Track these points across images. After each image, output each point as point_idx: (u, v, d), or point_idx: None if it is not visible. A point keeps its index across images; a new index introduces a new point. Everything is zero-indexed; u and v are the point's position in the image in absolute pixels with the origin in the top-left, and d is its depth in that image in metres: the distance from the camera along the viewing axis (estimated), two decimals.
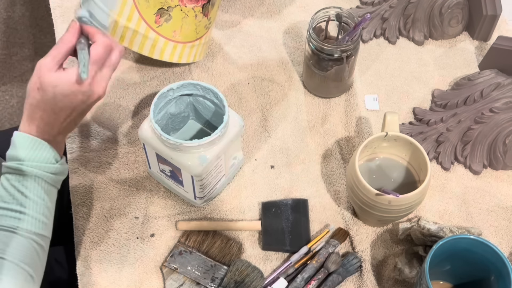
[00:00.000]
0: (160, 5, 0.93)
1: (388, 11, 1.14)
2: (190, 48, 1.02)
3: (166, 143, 0.83)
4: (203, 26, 1.00)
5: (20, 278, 0.69)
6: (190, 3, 0.95)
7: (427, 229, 0.86)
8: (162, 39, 0.98)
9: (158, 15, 0.94)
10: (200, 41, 1.02)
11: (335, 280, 0.86)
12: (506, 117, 0.98)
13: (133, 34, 0.95)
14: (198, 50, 1.04)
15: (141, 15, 0.94)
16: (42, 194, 0.73)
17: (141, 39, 0.96)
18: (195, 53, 1.04)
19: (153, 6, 0.93)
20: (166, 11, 0.94)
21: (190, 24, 0.98)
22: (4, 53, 2.09)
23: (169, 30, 0.97)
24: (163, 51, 0.99)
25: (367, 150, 0.89)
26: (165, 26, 0.96)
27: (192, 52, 1.03)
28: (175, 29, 0.97)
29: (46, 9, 2.17)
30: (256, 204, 0.94)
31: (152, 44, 0.97)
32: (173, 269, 0.87)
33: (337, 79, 1.01)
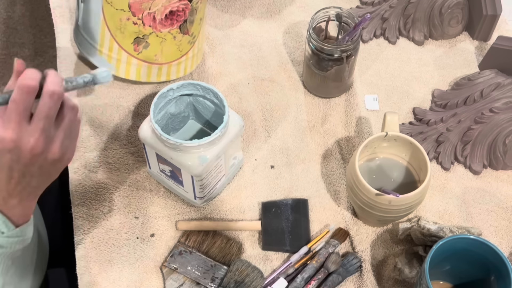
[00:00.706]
0: (135, 34, 0.96)
1: (388, 11, 1.14)
2: (177, 65, 1.03)
3: (166, 143, 0.83)
4: (186, 42, 1.00)
5: None
6: (165, 28, 0.96)
7: (427, 229, 0.86)
8: (145, 64, 1.00)
9: (135, 44, 0.97)
10: (186, 56, 1.03)
11: (335, 280, 0.86)
12: (506, 117, 0.98)
13: (117, 62, 0.99)
14: (188, 64, 1.05)
15: (120, 46, 0.97)
16: None
17: (125, 65, 0.99)
18: (184, 67, 1.04)
19: (128, 36, 0.96)
20: (142, 39, 0.96)
21: (170, 46, 0.99)
22: (4, 53, 2.09)
23: (150, 55, 0.99)
24: (149, 74, 1.02)
25: (367, 150, 0.89)
26: (144, 52, 0.98)
27: (180, 68, 1.04)
28: (155, 53, 0.99)
29: (46, 9, 2.17)
30: (256, 204, 0.94)
31: (136, 69, 1.00)
32: (173, 269, 0.87)
33: (337, 79, 1.01)
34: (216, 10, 1.18)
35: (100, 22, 0.96)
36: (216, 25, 1.16)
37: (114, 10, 0.93)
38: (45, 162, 0.64)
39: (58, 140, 0.64)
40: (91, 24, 0.98)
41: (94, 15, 0.96)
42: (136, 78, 1.01)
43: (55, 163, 0.65)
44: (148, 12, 0.92)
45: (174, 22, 0.95)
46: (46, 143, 0.63)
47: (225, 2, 1.19)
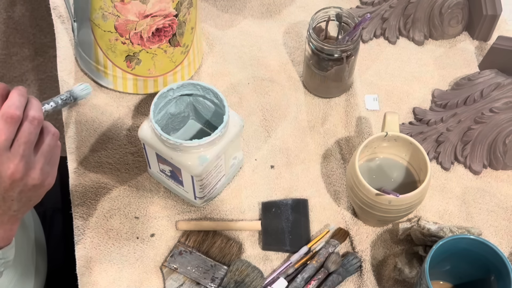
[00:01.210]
0: (126, 53, 0.97)
1: (388, 11, 1.14)
2: (173, 75, 1.03)
3: (166, 143, 0.83)
4: (179, 53, 1.01)
5: None
6: (153, 45, 0.96)
7: (427, 229, 0.87)
8: (141, 78, 1.01)
9: (127, 61, 0.98)
10: (182, 65, 1.03)
11: (335, 280, 0.86)
12: (506, 117, 0.98)
13: (113, 78, 1.01)
14: (185, 72, 1.05)
15: (113, 63, 0.99)
16: None
17: (122, 81, 1.01)
18: (181, 75, 1.05)
19: (119, 54, 0.97)
20: (133, 57, 0.97)
21: (162, 59, 0.99)
22: (4, 53, 2.09)
23: (143, 70, 1.00)
24: (146, 87, 1.03)
25: (367, 150, 0.89)
26: (137, 68, 0.99)
27: (176, 77, 1.04)
28: (149, 68, 1.00)
29: (46, 9, 2.17)
30: (256, 204, 0.94)
31: (133, 83, 1.02)
32: (173, 269, 0.87)
33: (337, 79, 1.02)
34: (216, 10, 1.18)
35: (93, 42, 0.98)
36: (216, 25, 1.16)
37: (103, 32, 0.95)
38: (25, 188, 0.63)
39: (38, 165, 0.63)
40: (85, 43, 1.01)
41: (86, 35, 0.99)
42: (134, 91, 1.03)
43: (36, 189, 0.64)
44: (134, 32, 0.94)
45: (162, 38, 0.96)
46: (26, 169, 0.62)
47: (225, 2, 1.19)
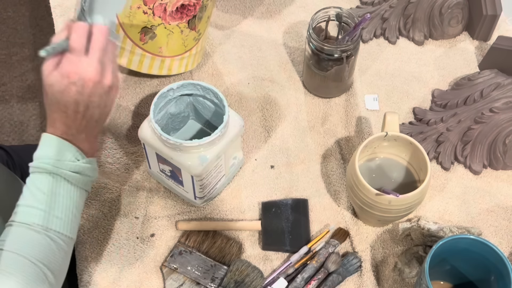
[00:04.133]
0: (143, 24, 0.95)
1: (388, 11, 1.14)
2: (180, 61, 1.03)
3: (166, 143, 0.83)
4: (192, 39, 1.00)
5: (32, 274, 0.68)
6: (174, 21, 0.95)
7: (427, 229, 0.87)
8: (149, 55, 0.99)
9: (142, 34, 0.96)
10: (190, 53, 1.03)
11: (335, 280, 0.86)
12: (506, 117, 0.98)
13: (120, 50, 0.98)
14: (190, 61, 1.04)
15: (126, 34, 0.96)
16: (57, 190, 0.72)
17: (129, 55, 0.99)
18: (186, 63, 1.04)
19: (136, 25, 0.95)
20: (150, 30, 0.96)
21: (176, 39, 0.98)
22: (4, 53, 2.09)
23: (155, 47, 0.98)
24: (151, 66, 1.01)
25: (367, 150, 0.89)
26: (150, 43, 0.98)
27: (182, 63, 1.03)
28: (161, 46, 0.99)
29: (46, 9, 2.17)
30: (256, 204, 0.94)
31: (139, 59, 1.00)
32: (173, 269, 0.87)
33: (337, 79, 1.02)
34: (216, 10, 1.18)
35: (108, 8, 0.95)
36: (216, 25, 1.16)
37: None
38: (102, 91, 0.73)
39: (109, 68, 0.74)
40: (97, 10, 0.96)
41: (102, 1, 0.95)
42: (137, 68, 1.00)
43: (109, 91, 0.74)
44: (160, 3, 0.92)
45: (184, 16, 0.95)
46: (102, 71, 0.72)
47: (225, 2, 1.19)
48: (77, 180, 0.74)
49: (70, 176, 0.73)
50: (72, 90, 0.71)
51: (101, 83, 0.73)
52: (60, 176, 0.73)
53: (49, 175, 0.72)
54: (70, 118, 0.73)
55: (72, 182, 0.74)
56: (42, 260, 0.70)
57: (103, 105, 0.75)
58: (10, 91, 2.01)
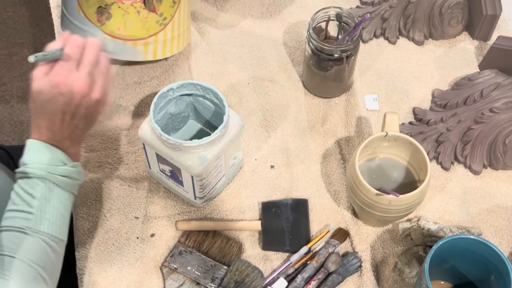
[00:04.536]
0: (98, 3, 0.95)
1: (388, 11, 1.14)
2: (144, 46, 1.00)
3: (166, 143, 0.83)
4: (154, 22, 0.99)
5: (29, 276, 0.70)
6: (127, 0, 0.95)
7: (427, 229, 0.87)
8: (109, 37, 0.98)
9: (99, 14, 0.96)
10: (155, 38, 1.00)
11: (335, 280, 0.86)
12: (506, 117, 0.98)
13: (84, 33, 0.97)
14: (158, 47, 1.02)
15: (85, 15, 0.97)
16: (48, 195, 0.74)
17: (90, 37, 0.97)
18: (153, 50, 1.02)
19: (92, 5, 0.95)
20: (105, 9, 0.95)
21: (133, 21, 0.97)
22: (4, 53, 2.09)
23: (113, 28, 0.97)
24: (113, 48, 0.99)
25: (367, 150, 0.89)
26: (108, 24, 0.97)
27: (148, 49, 1.01)
28: (119, 27, 0.97)
29: (46, 9, 2.17)
30: (256, 204, 0.94)
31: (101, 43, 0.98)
32: (173, 269, 0.87)
33: (337, 79, 1.02)
34: (216, 10, 1.18)
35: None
36: (216, 25, 1.16)
37: None
38: (90, 103, 0.75)
39: (99, 82, 0.75)
40: None
41: None
42: None
43: (97, 105, 0.76)
44: None
45: None
46: (90, 85, 0.74)
47: (225, 2, 1.19)
48: (66, 184, 0.76)
49: (60, 181, 0.75)
50: (60, 100, 0.72)
51: (89, 96, 0.74)
52: (50, 181, 0.74)
53: (39, 180, 0.73)
54: (56, 126, 0.74)
55: (61, 186, 0.75)
56: (38, 262, 0.71)
57: (89, 117, 0.76)
58: (10, 91, 2.00)
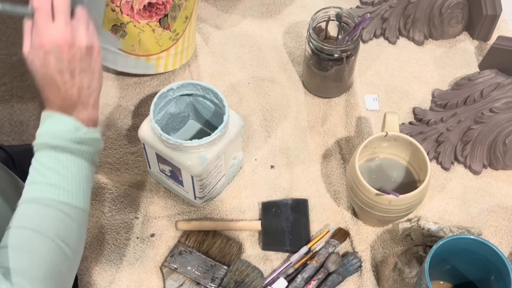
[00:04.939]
0: (113, 22, 0.95)
1: (388, 11, 1.14)
2: (156, 60, 1.02)
3: (166, 143, 0.83)
4: (167, 38, 1.00)
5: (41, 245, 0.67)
6: (143, 19, 0.95)
7: (427, 229, 0.87)
8: (122, 53, 0.99)
9: (113, 31, 0.96)
10: (167, 53, 1.02)
11: (335, 280, 0.86)
12: (506, 117, 0.98)
13: None
14: (169, 61, 1.04)
15: None
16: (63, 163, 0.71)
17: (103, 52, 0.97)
18: (164, 63, 1.04)
19: (107, 22, 0.95)
20: (120, 27, 0.96)
21: (148, 38, 0.98)
22: (4, 53, 2.09)
23: (127, 45, 0.98)
24: (126, 64, 1.01)
25: (367, 150, 0.89)
26: (122, 41, 0.98)
27: (160, 63, 1.03)
28: (133, 44, 0.98)
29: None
30: (256, 204, 0.94)
31: (113, 57, 1.00)
32: (173, 269, 0.87)
33: (337, 79, 1.02)
34: (216, 10, 1.18)
35: None
36: (216, 25, 1.16)
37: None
38: (81, 53, 0.71)
39: (81, 28, 0.71)
40: None
41: None
42: (112, 66, 1.01)
43: (90, 53, 0.72)
44: (126, 1, 0.92)
45: (153, 14, 0.95)
46: (72, 33, 0.70)
47: (225, 2, 1.19)
48: (80, 151, 0.72)
49: (73, 148, 0.71)
50: (51, 60, 0.70)
51: (77, 45, 0.71)
52: (61, 148, 0.71)
53: (51, 149, 0.70)
54: (61, 91, 0.72)
55: (75, 153, 0.71)
56: (58, 234, 0.68)
57: (88, 69, 0.73)
58: (10, 91, 2.00)
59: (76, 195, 0.71)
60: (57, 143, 0.71)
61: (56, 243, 0.68)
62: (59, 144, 0.71)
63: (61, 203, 0.70)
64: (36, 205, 0.69)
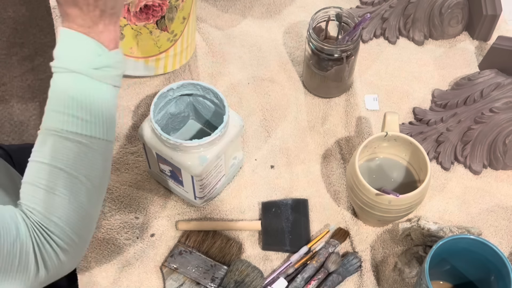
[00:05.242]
0: None
1: (388, 11, 1.14)
2: (155, 62, 1.02)
3: (166, 143, 0.83)
4: (165, 40, 1.00)
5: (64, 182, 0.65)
6: (140, 21, 0.95)
7: (427, 229, 0.87)
8: None
9: None
10: (166, 54, 1.02)
11: (335, 280, 0.86)
12: (506, 117, 0.98)
13: None
14: (168, 62, 1.04)
15: None
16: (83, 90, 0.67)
17: None
18: (163, 65, 1.04)
19: None
20: None
21: (146, 40, 0.98)
22: (4, 53, 2.09)
23: (125, 47, 0.98)
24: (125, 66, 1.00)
25: (367, 150, 0.89)
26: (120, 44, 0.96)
27: (159, 65, 1.03)
28: (131, 46, 0.98)
29: (46, 9, 2.17)
30: (256, 204, 0.94)
31: None
32: (173, 269, 0.87)
33: (337, 79, 1.02)
34: (216, 10, 1.18)
35: None
36: (216, 25, 1.16)
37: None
38: None
39: None
40: None
41: None
42: None
43: None
44: None
45: (150, 16, 0.94)
46: None
47: (225, 2, 1.19)
48: (102, 76, 0.68)
49: (94, 73, 0.67)
50: None
51: None
52: (82, 74, 0.67)
53: (71, 74, 0.67)
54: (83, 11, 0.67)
55: (97, 79, 0.68)
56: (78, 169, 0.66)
57: None
58: (10, 91, 2.01)
59: (98, 126, 0.68)
60: (78, 68, 0.67)
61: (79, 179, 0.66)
62: (80, 69, 0.67)
63: (82, 136, 0.67)
64: (56, 137, 0.66)
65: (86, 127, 0.67)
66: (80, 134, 0.66)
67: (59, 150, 0.66)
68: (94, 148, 0.67)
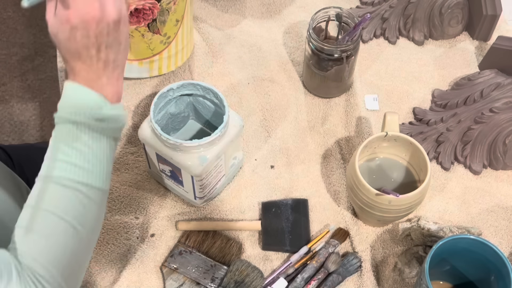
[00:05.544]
0: None
1: (388, 11, 1.14)
2: (149, 64, 1.02)
3: (166, 143, 0.83)
4: (158, 42, 1.00)
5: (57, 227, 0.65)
6: (131, 25, 0.95)
7: (427, 229, 0.87)
8: None
9: None
10: (160, 56, 1.02)
11: (335, 280, 0.86)
12: (506, 117, 0.98)
13: None
14: (162, 64, 1.04)
15: None
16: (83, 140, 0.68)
17: None
18: (158, 66, 1.04)
19: None
20: None
21: (138, 43, 0.98)
22: (4, 53, 2.09)
23: None
24: None
25: (367, 150, 0.89)
26: None
27: (153, 67, 1.03)
28: None
29: (46, 9, 2.17)
30: (256, 204, 0.94)
31: None
32: (173, 269, 0.87)
33: (337, 79, 1.02)
34: (216, 10, 1.18)
35: None
36: (216, 25, 1.16)
37: None
38: (109, 28, 0.67)
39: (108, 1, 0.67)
40: None
41: None
42: None
43: (117, 26, 0.68)
44: None
45: (141, 20, 0.94)
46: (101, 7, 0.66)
47: (225, 2, 1.19)
48: (103, 128, 0.69)
49: (95, 125, 0.68)
50: (77, 36, 0.66)
51: (104, 20, 0.66)
52: (83, 125, 0.67)
53: (72, 124, 0.67)
54: (86, 64, 0.68)
55: (97, 130, 0.68)
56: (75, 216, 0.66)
57: (116, 43, 0.69)
58: (10, 91, 2.01)
59: (97, 175, 0.69)
60: (79, 119, 0.68)
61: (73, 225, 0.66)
62: (81, 120, 0.68)
63: (81, 184, 0.67)
64: (55, 185, 0.66)
65: (84, 175, 0.68)
66: (78, 182, 0.67)
67: (56, 196, 0.67)
68: (90, 196, 0.68)
